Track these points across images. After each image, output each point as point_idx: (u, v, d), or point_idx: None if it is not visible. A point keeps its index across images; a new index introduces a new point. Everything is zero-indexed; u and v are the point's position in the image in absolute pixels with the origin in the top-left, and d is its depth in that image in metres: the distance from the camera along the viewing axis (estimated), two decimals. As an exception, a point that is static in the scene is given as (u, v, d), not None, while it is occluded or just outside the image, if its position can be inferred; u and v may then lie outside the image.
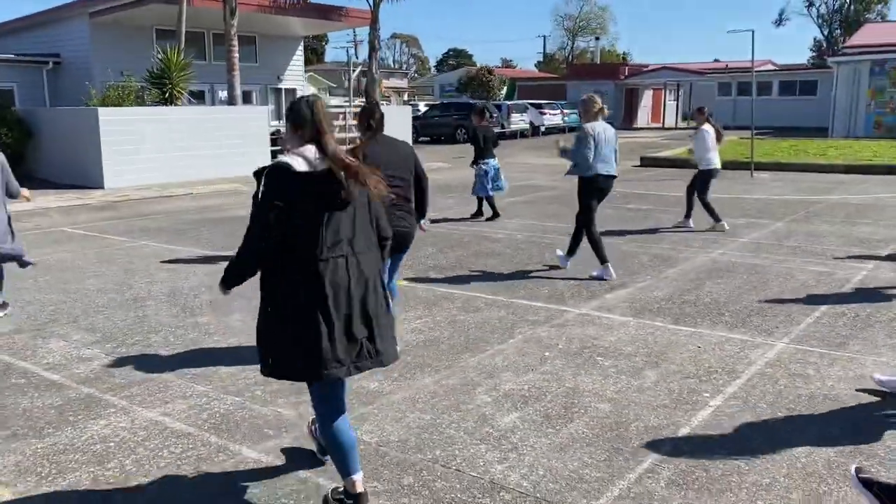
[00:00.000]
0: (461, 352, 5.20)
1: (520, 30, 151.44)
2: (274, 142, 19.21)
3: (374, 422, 4.06)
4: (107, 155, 15.07)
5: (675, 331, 5.61)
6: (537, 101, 36.61)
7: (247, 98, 21.89)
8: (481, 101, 31.47)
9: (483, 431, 3.93)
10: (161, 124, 15.89)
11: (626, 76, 43.09)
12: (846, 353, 5.05)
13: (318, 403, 3.12)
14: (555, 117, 35.52)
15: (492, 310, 6.23)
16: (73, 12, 20.21)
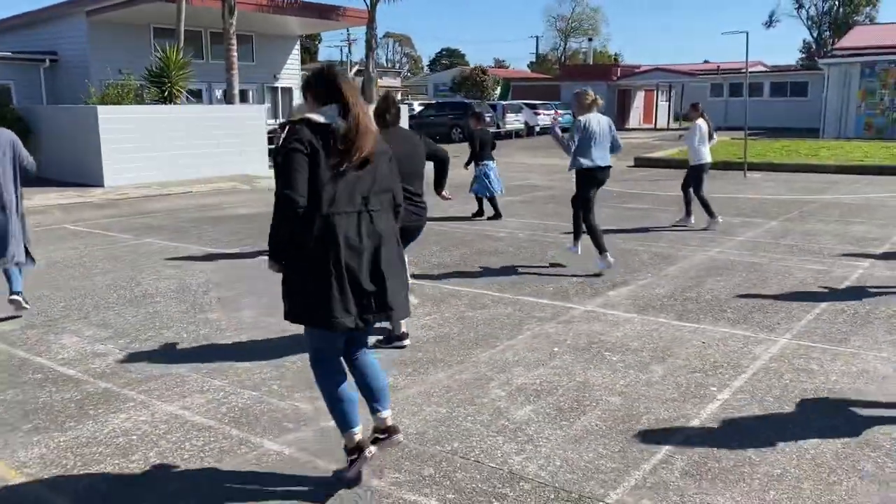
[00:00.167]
0: (472, 347, 5.29)
1: (513, 30, 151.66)
2: (271, 140, 19.26)
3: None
4: (106, 153, 15.07)
5: (678, 327, 5.72)
6: (532, 102, 36.75)
7: (243, 97, 21.89)
8: (477, 103, 31.55)
9: (499, 424, 4.02)
10: (160, 123, 15.91)
11: (618, 77, 43.26)
12: (848, 349, 5.17)
13: (318, 355, 3.29)
14: (549, 117, 35.63)
15: (499, 307, 6.32)
16: (71, 10, 20.18)
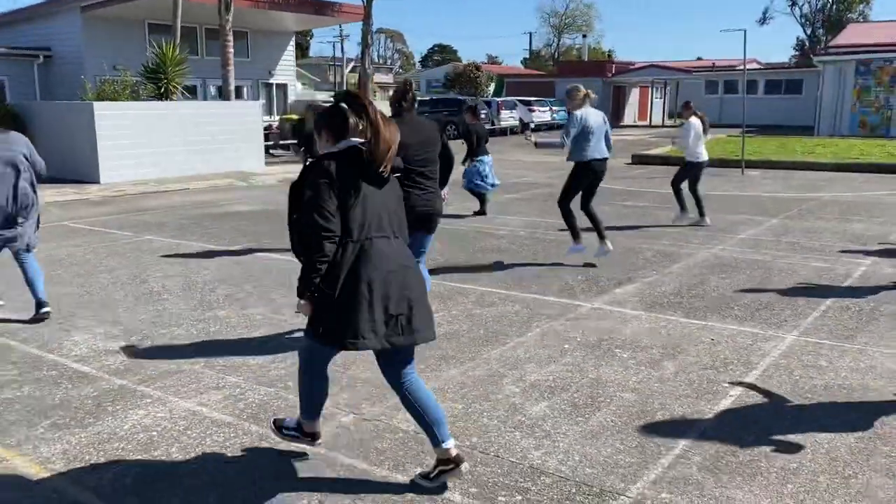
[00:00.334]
0: (482, 344, 5.33)
1: (505, 26, 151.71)
2: (268, 137, 19.27)
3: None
4: (102, 150, 15.05)
5: (686, 324, 5.77)
6: (526, 98, 36.79)
7: (238, 93, 21.83)
8: (472, 99, 31.57)
9: (515, 420, 4.06)
10: (156, 119, 15.89)
11: (613, 74, 43.38)
12: (855, 346, 5.23)
13: (310, 360, 3.37)
14: (544, 114, 35.72)
15: (506, 304, 6.36)
16: (65, 6, 20.09)
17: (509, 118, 33.25)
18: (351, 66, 40.51)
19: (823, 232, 9.62)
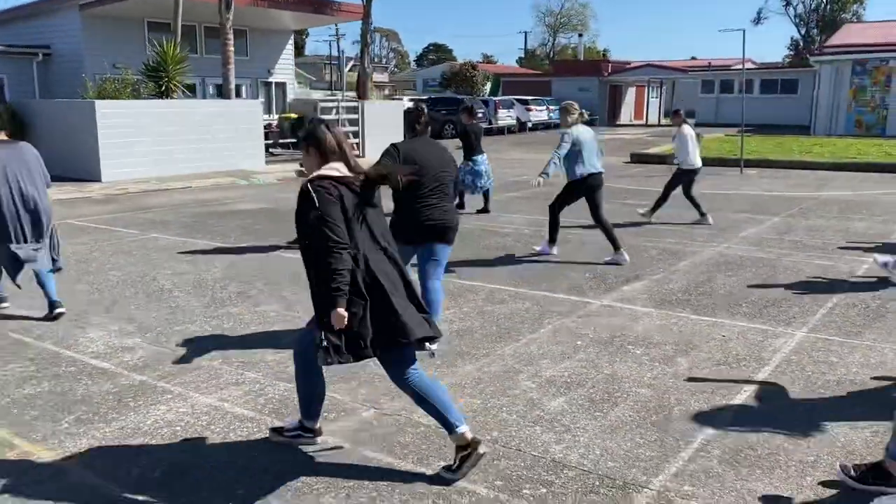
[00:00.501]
0: (495, 341, 5.38)
1: (500, 25, 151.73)
2: (267, 135, 19.25)
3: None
4: (104, 148, 15.03)
5: (697, 321, 5.83)
6: (523, 98, 36.85)
7: (237, 92, 21.81)
8: (470, 99, 31.61)
9: (534, 415, 4.11)
10: (157, 117, 15.87)
11: (609, 73, 43.49)
12: (864, 342, 5.30)
13: (306, 356, 3.57)
14: (541, 113, 35.81)
15: (516, 301, 6.42)
16: (64, 4, 20.03)
17: (507, 117, 33.33)
18: (350, 65, 40.49)
19: (825, 230, 9.70)
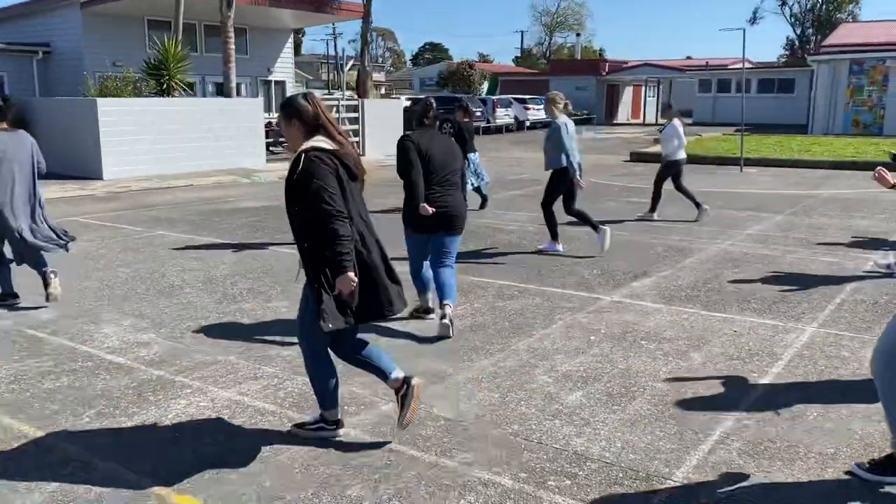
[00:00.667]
0: (509, 336, 5.41)
1: (496, 25, 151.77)
2: (268, 134, 19.26)
3: (446, 400, 4.26)
4: (106, 146, 15.03)
5: (707, 316, 5.87)
6: (521, 97, 36.89)
7: (237, 90, 21.81)
8: (468, 97, 31.65)
9: (553, 408, 4.15)
10: (159, 115, 15.87)
11: (607, 72, 43.57)
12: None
13: (318, 347, 3.66)
14: (539, 112, 35.75)
15: (526, 297, 6.45)
16: (64, 1, 20.02)
17: (505, 116, 33.37)
18: (350, 64, 40.49)
19: (828, 228, 9.75)
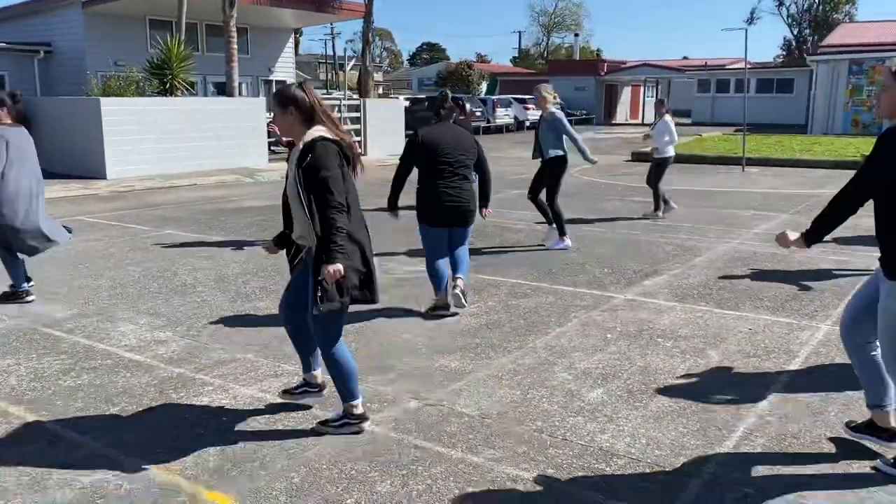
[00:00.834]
0: (525, 334, 5.43)
1: (494, 25, 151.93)
2: (270, 133, 19.25)
3: (468, 397, 4.27)
4: (109, 145, 15.01)
5: (721, 314, 5.90)
6: (521, 97, 36.91)
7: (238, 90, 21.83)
8: (469, 97, 31.68)
9: (575, 405, 4.16)
10: (161, 115, 15.86)
11: (605, 72, 43.62)
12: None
13: (335, 329, 3.69)
14: (538, 112, 35.84)
15: (539, 295, 6.47)
16: (66, 1, 20.00)
17: (505, 116, 33.42)
18: (352, 65, 40.52)
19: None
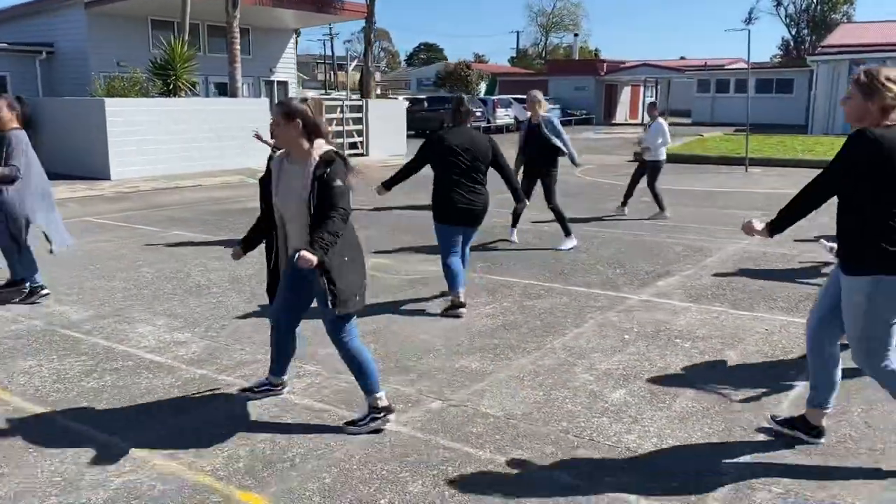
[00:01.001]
0: (542, 335, 5.45)
1: (492, 25, 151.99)
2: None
3: (491, 398, 4.29)
4: (113, 146, 15.01)
5: (737, 315, 5.92)
6: (521, 97, 36.89)
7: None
8: (469, 98, 31.69)
9: (599, 406, 4.18)
10: (165, 115, 15.86)
11: (605, 72, 43.66)
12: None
13: (349, 327, 3.85)
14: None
15: (553, 296, 6.49)
16: (68, 1, 19.99)
17: (505, 116, 33.43)
18: (353, 65, 40.52)
19: (842, 227, 9.80)
